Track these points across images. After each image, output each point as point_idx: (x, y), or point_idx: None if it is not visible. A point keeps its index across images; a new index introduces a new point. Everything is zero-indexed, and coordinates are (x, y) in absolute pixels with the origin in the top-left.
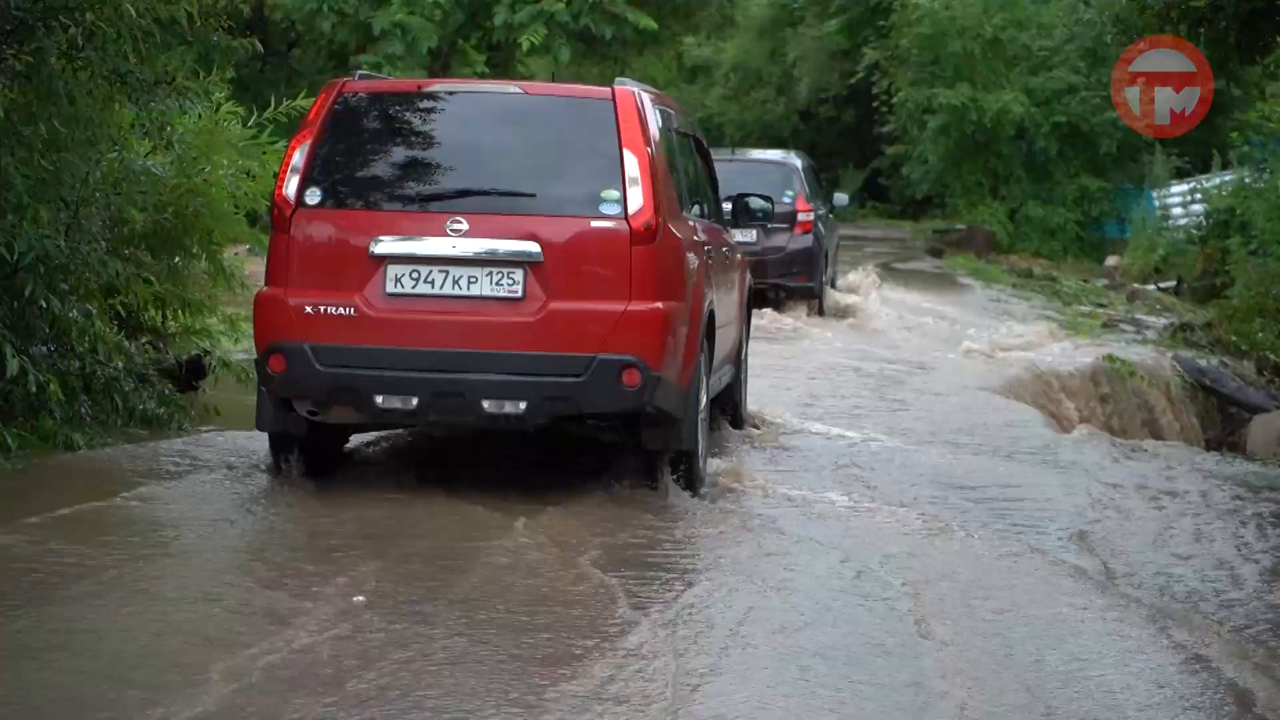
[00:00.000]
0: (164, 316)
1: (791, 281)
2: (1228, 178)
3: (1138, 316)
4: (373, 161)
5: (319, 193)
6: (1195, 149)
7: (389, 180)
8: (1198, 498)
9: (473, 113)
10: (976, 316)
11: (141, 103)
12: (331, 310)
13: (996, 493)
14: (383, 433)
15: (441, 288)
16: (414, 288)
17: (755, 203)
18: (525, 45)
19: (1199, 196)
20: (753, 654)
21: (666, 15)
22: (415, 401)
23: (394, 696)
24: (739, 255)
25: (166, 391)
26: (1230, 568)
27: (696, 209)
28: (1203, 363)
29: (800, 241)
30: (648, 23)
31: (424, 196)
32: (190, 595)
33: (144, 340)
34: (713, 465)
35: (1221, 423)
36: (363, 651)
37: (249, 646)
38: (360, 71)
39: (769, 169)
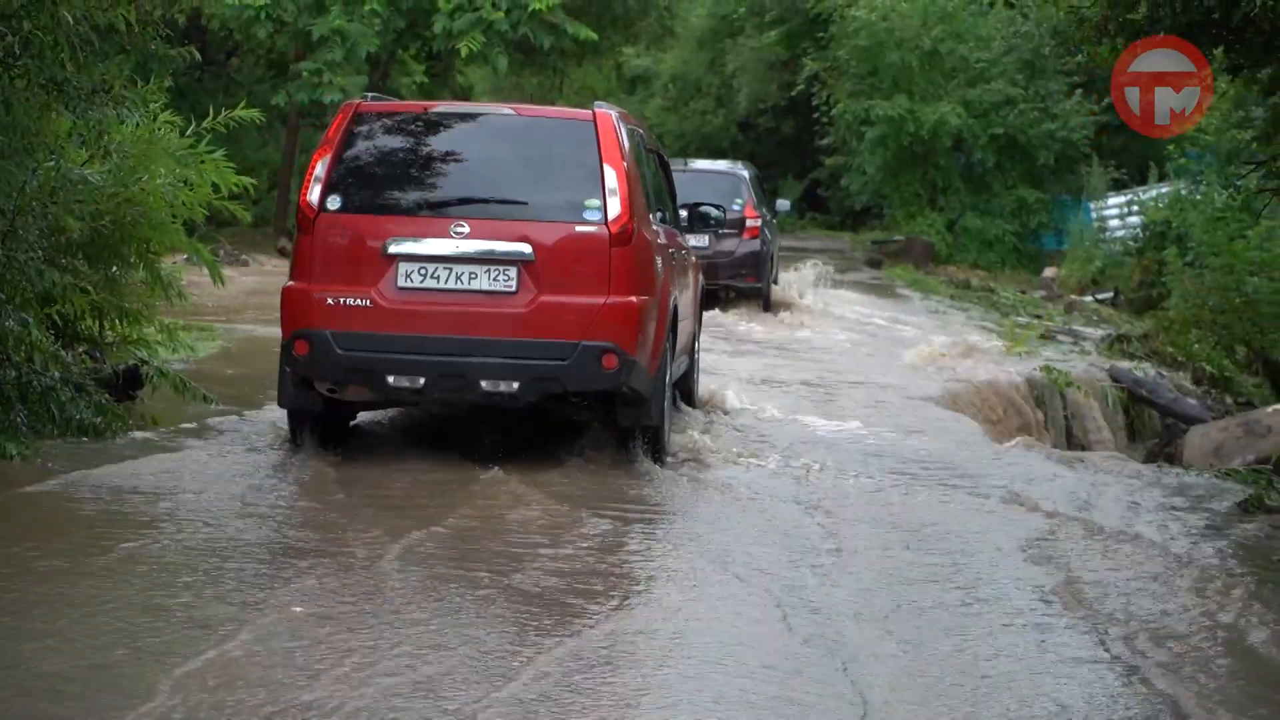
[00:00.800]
0: (101, 326)
1: (741, 283)
2: (1164, 190)
3: (1075, 328)
4: (385, 173)
5: (339, 199)
6: (1132, 161)
7: (399, 189)
8: (1133, 508)
9: (471, 131)
10: (915, 328)
11: (79, 111)
12: (350, 302)
13: (930, 487)
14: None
15: (446, 283)
16: (422, 282)
17: (709, 211)
18: (464, 52)
19: (1136, 208)
20: (696, 543)
21: (606, 26)
22: (422, 381)
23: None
24: (693, 258)
25: (103, 401)
26: (1163, 579)
27: (659, 216)
28: (1139, 374)
29: (748, 246)
30: (587, 33)
31: (430, 203)
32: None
33: (81, 349)
34: (674, 440)
35: (1158, 434)
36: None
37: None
38: (371, 95)
39: (719, 178)
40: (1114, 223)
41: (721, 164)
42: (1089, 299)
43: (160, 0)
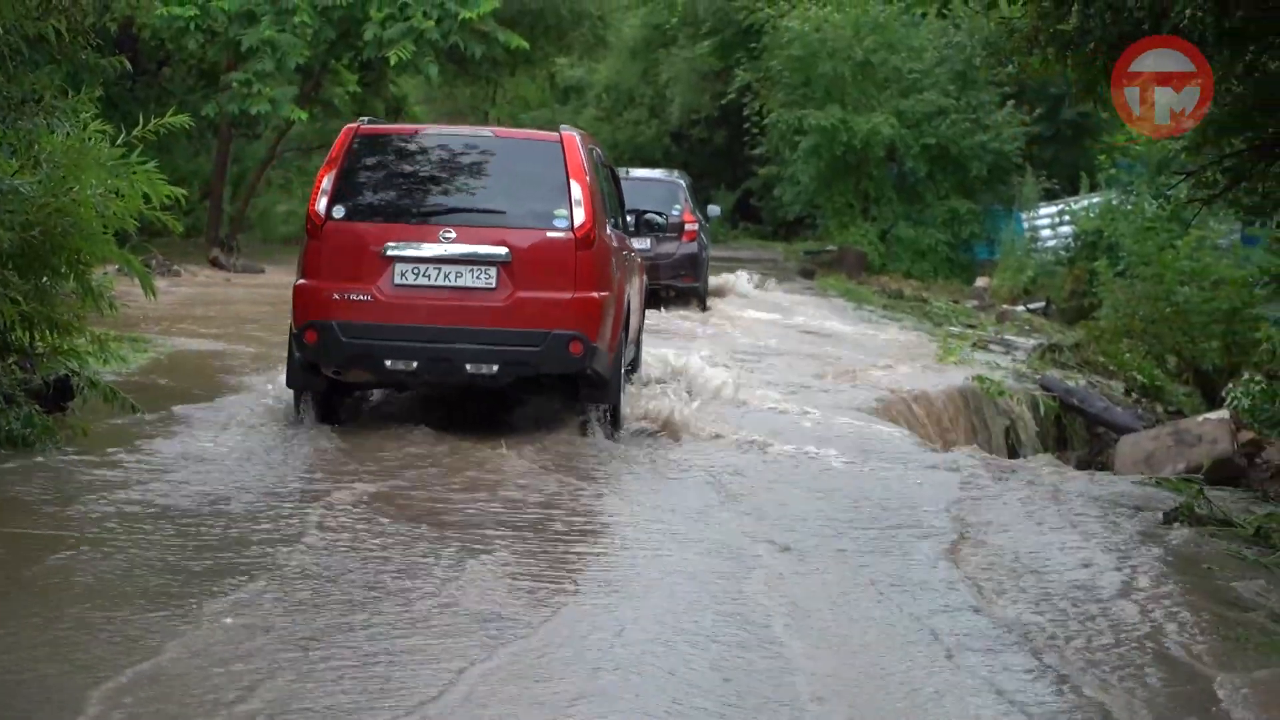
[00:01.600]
0: (31, 336)
1: (680, 283)
2: (1095, 200)
3: (1007, 337)
4: (382, 186)
5: (342, 209)
6: (1063, 171)
7: (395, 200)
8: (1064, 518)
9: (456, 149)
10: (849, 339)
11: (9, 121)
12: (353, 297)
13: (861, 494)
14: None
15: (435, 280)
16: (415, 280)
17: (654, 218)
18: (393, 60)
19: (1067, 218)
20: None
21: (538, 35)
22: (415, 365)
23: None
24: (639, 259)
25: (33, 412)
26: (1093, 587)
27: (612, 222)
28: (1071, 383)
29: (687, 248)
30: (519, 42)
31: (422, 212)
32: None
33: (10, 360)
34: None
35: (1089, 443)
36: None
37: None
38: (368, 118)
39: (658, 186)
40: (1045, 233)
41: (659, 172)
42: (1021, 309)
43: (91, 9)
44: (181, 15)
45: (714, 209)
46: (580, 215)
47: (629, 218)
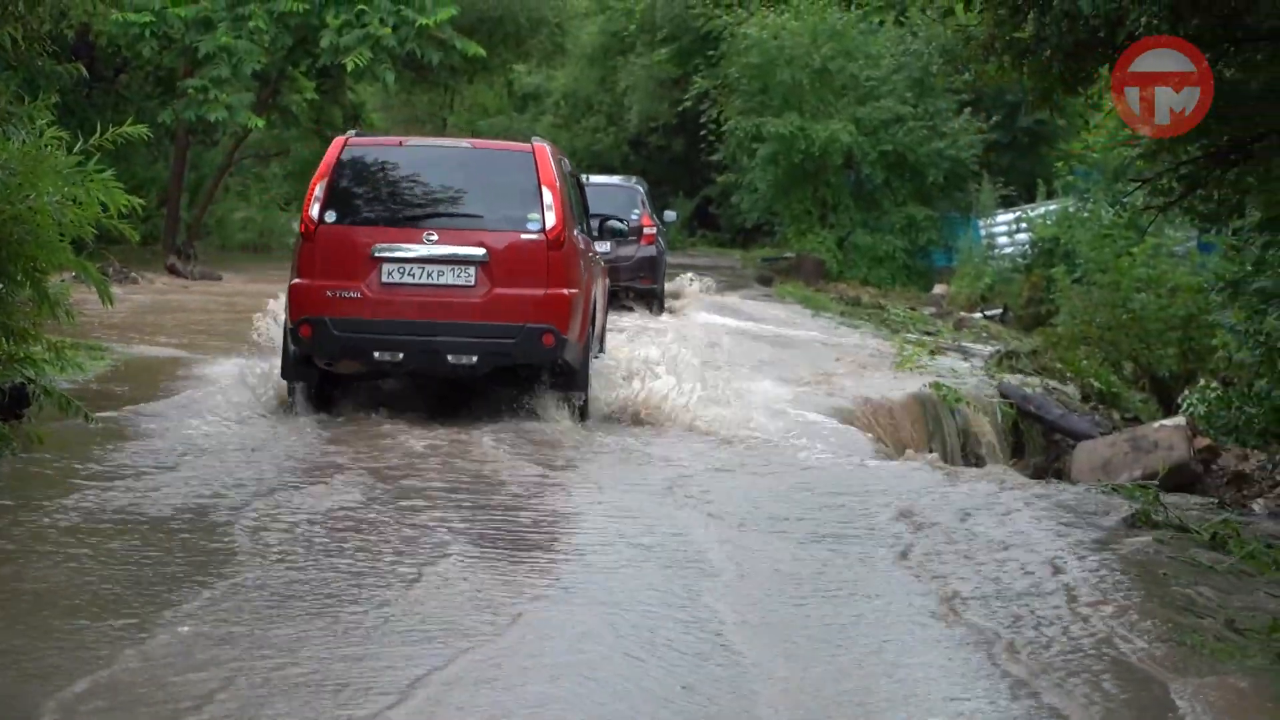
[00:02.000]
0: None
1: (638, 284)
2: (1052, 207)
3: (964, 344)
4: (369, 192)
5: (334, 214)
6: (1020, 179)
7: (382, 205)
8: (1020, 524)
9: (437, 159)
10: (805, 345)
11: None
12: (344, 294)
13: (818, 501)
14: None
15: (420, 279)
16: (401, 278)
17: (616, 225)
18: (350, 67)
19: (1024, 225)
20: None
21: (496, 43)
22: (401, 356)
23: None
24: (602, 262)
25: None
26: (1050, 594)
27: (579, 227)
28: (1028, 390)
29: (645, 251)
30: (476, 50)
31: (407, 217)
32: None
33: None
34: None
35: (1046, 450)
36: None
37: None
38: (355, 131)
39: (618, 191)
40: (1003, 240)
41: (617, 178)
42: (978, 316)
43: (47, 16)
44: (137, 22)
45: (670, 214)
46: (551, 219)
47: (593, 223)
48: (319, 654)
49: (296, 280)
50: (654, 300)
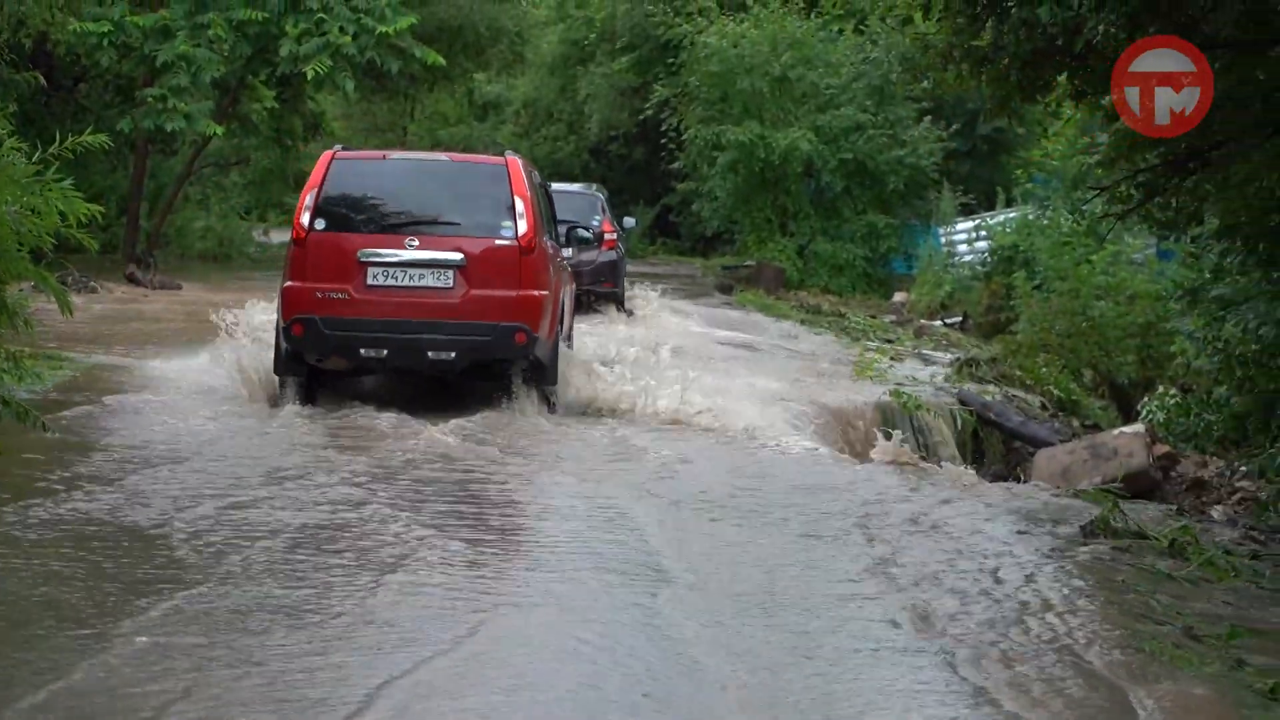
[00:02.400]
0: None
1: (600, 288)
2: (1012, 215)
3: (924, 352)
4: (356, 202)
5: (323, 222)
6: (980, 187)
7: (367, 214)
8: (983, 531)
9: (418, 171)
10: (766, 352)
11: None
12: (333, 295)
13: (780, 508)
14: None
15: (402, 281)
16: (385, 281)
17: (582, 233)
18: (310, 75)
19: (984, 233)
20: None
21: (456, 52)
22: (385, 353)
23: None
24: (568, 267)
25: None
26: (1010, 600)
27: (548, 234)
28: (987, 397)
29: (607, 256)
30: (435, 58)
31: (390, 224)
32: None
33: None
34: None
35: (1006, 457)
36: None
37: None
38: (342, 146)
39: (579, 198)
40: (962, 248)
41: (577, 186)
42: (938, 323)
43: (5, 25)
44: (95, 31)
45: (630, 221)
46: (523, 226)
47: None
48: (279, 664)
49: (289, 283)
50: (616, 303)
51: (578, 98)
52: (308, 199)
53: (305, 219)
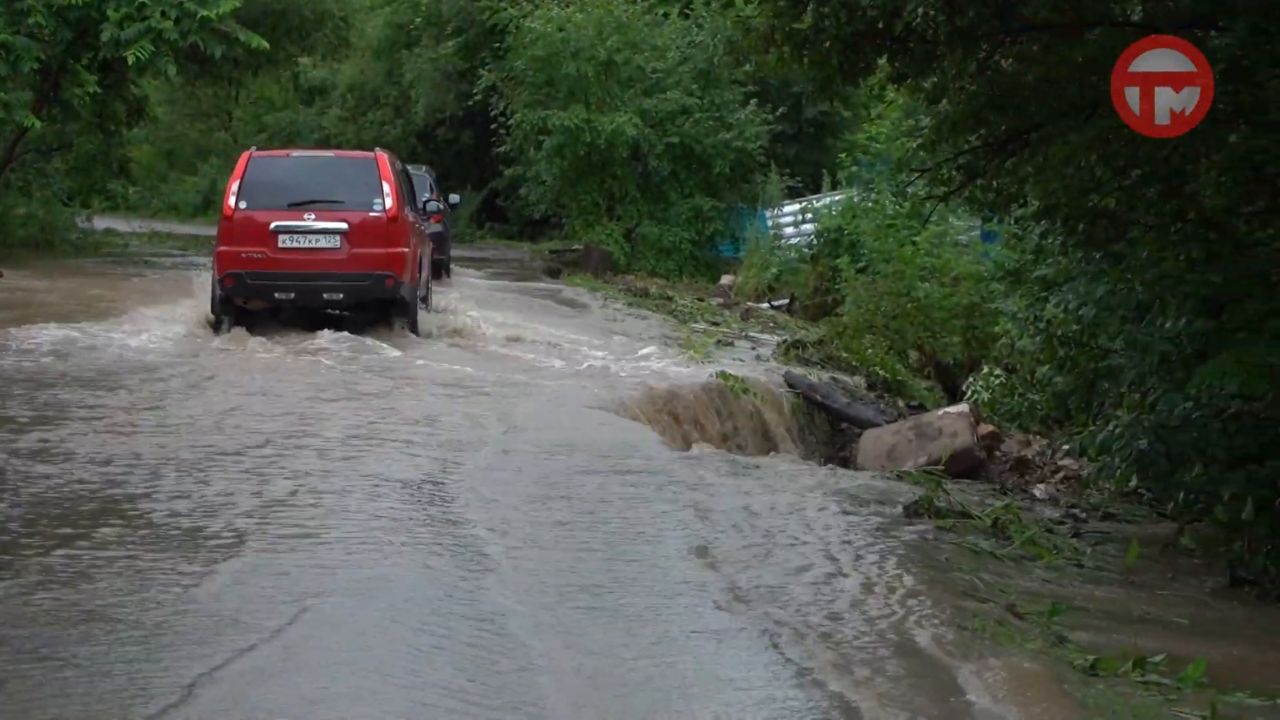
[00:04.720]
0: None
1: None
2: (837, 198)
3: (751, 334)
4: (268, 187)
5: (245, 203)
6: (806, 170)
7: (277, 196)
8: (808, 513)
9: (312, 163)
10: (592, 335)
11: None
12: (253, 255)
13: (610, 513)
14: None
15: (304, 244)
16: (291, 244)
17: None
18: (132, 60)
19: (810, 216)
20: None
21: (280, 36)
22: (292, 295)
23: None
24: (425, 232)
25: None
26: (833, 581)
27: (410, 207)
28: (813, 379)
29: (434, 229)
30: (259, 42)
31: (294, 203)
32: None
33: None
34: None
35: (833, 438)
36: None
37: None
38: (258, 145)
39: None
40: (789, 230)
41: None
42: (765, 306)
43: None
44: None
45: (454, 197)
46: (389, 202)
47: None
48: (97, 655)
49: (222, 248)
50: (443, 269)
51: (404, 82)
52: (234, 186)
53: (232, 201)
